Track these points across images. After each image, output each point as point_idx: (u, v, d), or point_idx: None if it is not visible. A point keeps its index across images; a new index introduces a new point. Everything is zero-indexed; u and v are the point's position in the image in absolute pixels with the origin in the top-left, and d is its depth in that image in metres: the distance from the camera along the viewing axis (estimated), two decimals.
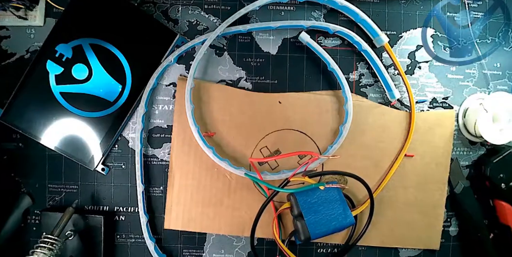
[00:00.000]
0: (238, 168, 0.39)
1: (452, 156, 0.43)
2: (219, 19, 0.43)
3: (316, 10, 0.43)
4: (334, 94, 0.43)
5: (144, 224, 0.41)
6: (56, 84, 0.40)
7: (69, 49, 0.40)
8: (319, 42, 0.43)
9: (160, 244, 0.42)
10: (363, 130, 0.42)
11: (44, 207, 0.42)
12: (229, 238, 0.43)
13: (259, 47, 0.43)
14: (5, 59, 0.42)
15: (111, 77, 0.41)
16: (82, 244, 0.40)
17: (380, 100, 0.44)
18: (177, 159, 0.41)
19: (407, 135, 0.42)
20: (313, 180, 0.38)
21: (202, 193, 0.41)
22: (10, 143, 0.42)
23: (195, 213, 0.41)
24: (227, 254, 0.43)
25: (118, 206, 0.43)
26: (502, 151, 0.42)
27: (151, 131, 0.43)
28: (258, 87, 0.43)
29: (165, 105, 0.43)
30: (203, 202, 0.41)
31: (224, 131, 0.42)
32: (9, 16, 0.41)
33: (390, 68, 0.44)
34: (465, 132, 0.44)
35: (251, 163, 0.39)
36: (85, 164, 0.41)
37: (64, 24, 0.40)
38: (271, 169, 0.42)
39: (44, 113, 0.40)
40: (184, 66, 0.43)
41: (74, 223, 0.40)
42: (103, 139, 0.41)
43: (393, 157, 0.42)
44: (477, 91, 0.44)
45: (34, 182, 0.42)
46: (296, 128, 0.42)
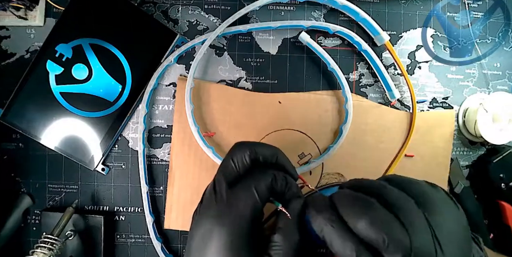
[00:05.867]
0: None
1: (452, 156, 0.43)
2: (219, 19, 0.43)
3: (316, 10, 0.43)
4: (334, 94, 0.43)
5: (150, 224, 0.41)
6: (56, 84, 0.40)
7: (69, 49, 0.40)
8: (319, 42, 0.43)
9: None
10: (363, 130, 0.42)
11: (44, 207, 0.42)
12: None
13: (259, 47, 0.43)
14: (5, 59, 0.42)
15: (111, 77, 0.41)
16: (82, 244, 0.40)
17: (380, 100, 0.44)
18: (177, 159, 0.41)
19: (407, 135, 0.42)
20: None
21: (202, 193, 0.41)
22: (10, 143, 0.42)
23: None
24: None
25: (118, 206, 0.43)
26: (502, 151, 0.42)
27: (151, 131, 0.43)
28: (258, 87, 0.43)
29: (165, 105, 0.43)
30: None
31: (224, 131, 0.42)
32: (9, 16, 0.41)
33: (390, 68, 0.44)
34: (465, 132, 0.44)
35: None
36: (85, 164, 0.41)
37: (64, 24, 0.40)
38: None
39: (44, 113, 0.40)
40: (184, 66, 0.43)
41: (74, 223, 0.40)
42: (103, 139, 0.41)
43: (393, 157, 0.42)
44: (477, 91, 0.44)
45: (34, 182, 0.42)
46: (296, 128, 0.42)
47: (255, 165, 0.28)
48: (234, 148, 0.29)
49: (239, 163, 0.27)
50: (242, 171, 0.27)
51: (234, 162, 0.27)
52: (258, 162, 0.28)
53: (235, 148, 0.28)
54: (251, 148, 0.28)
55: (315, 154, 0.42)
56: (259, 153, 0.28)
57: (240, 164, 0.27)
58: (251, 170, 0.28)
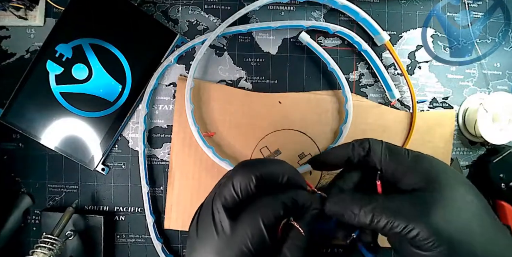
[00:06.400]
0: None
1: (452, 156, 0.43)
2: (219, 19, 0.43)
3: (316, 10, 0.43)
4: (334, 94, 0.43)
5: (151, 224, 0.41)
6: (56, 84, 0.40)
7: (69, 49, 0.40)
8: (319, 42, 0.43)
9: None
10: (363, 130, 0.42)
11: (44, 207, 0.42)
12: None
13: (259, 47, 0.43)
14: (5, 59, 0.42)
15: (111, 77, 0.41)
16: (82, 244, 0.40)
17: (380, 100, 0.44)
18: (177, 159, 0.41)
19: (407, 135, 0.42)
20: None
21: (202, 193, 0.41)
22: (10, 143, 0.42)
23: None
24: None
25: (118, 206, 0.43)
26: (502, 151, 0.42)
27: (151, 131, 0.43)
28: (258, 87, 0.43)
29: (165, 105, 0.43)
30: None
31: (224, 131, 0.42)
32: (9, 16, 0.41)
33: (390, 68, 0.44)
34: (465, 132, 0.44)
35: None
36: (85, 164, 0.41)
37: (64, 24, 0.40)
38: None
39: (44, 113, 0.40)
40: (184, 66, 0.43)
41: (74, 223, 0.40)
42: (103, 139, 0.41)
43: None
44: (477, 91, 0.44)
45: (34, 182, 0.42)
46: (296, 128, 0.42)
47: (260, 189, 0.25)
48: (237, 171, 0.25)
49: (243, 192, 0.24)
50: (245, 198, 0.25)
51: (236, 190, 0.24)
52: (264, 184, 0.25)
53: (238, 172, 0.25)
54: (256, 173, 0.24)
55: (315, 154, 0.42)
56: (266, 175, 0.25)
57: (243, 192, 0.24)
58: (255, 196, 0.25)
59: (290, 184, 0.26)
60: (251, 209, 0.24)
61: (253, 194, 0.25)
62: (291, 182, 0.26)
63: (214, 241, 0.23)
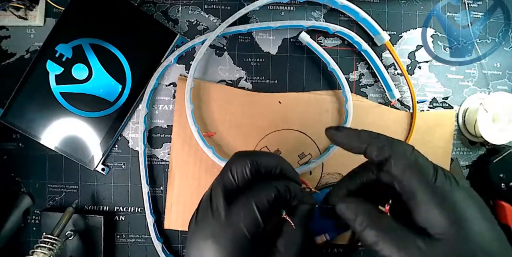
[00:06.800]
0: None
1: (452, 156, 0.43)
2: (219, 19, 0.43)
3: (316, 10, 0.43)
4: (334, 94, 0.43)
5: (151, 224, 0.41)
6: (56, 84, 0.40)
7: (69, 49, 0.40)
8: (319, 42, 0.43)
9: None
10: None
11: (44, 207, 0.42)
12: None
13: (259, 47, 0.43)
14: (5, 59, 0.42)
15: (111, 77, 0.41)
16: (82, 244, 0.40)
17: (380, 100, 0.44)
18: (177, 159, 0.41)
19: (407, 135, 0.42)
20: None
21: (202, 193, 0.41)
22: (10, 143, 0.42)
23: None
24: None
25: (118, 206, 0.43)
26: (502, 151, 0.42)
27: (151, 131, 0.43)
28: (258, 87, 0.43)
29: (165, 105, 0.43)
30: None
31: (224, 131, 0.42)
32: (9, 16, 0.41)
33: (390, 68, 0.44)
34: (465, 132, 0.44)
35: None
36: (85, 164, 0.41)
37: (64, 24, 0.40)
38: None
39: (44, 113, 0.40)
40: (184, 66, 0.43)
41: (74, 223, 0.40)
42: (103, 139, 0.41)
43: None
44: (477, 91, 0.44)
45: (34, 182, 0.42)
46: (296, 128, 0.42)
47: (255, 177, 0.26)
48: (233, 159, 0.27)
49: (239, 176, 0.26)
50: (242, 184, 0.26)
51: (233, 175, 0.26)
52: (260, 173, 0.26)
53: (234, 159, 0.26)
54: (252, 159, 0.26)
55: (315, 154, 0.42)
56: (261, 164, 0.26)
57: (239, 177, 0.26)
58: (251, 183, 0.26)
59: (284, 177, 0.27)
60: (245, 194, 0.25)
61: (249, 181, 0.26)
62: (285, 175, 0.27)
63: (211, 224, 0.24)
